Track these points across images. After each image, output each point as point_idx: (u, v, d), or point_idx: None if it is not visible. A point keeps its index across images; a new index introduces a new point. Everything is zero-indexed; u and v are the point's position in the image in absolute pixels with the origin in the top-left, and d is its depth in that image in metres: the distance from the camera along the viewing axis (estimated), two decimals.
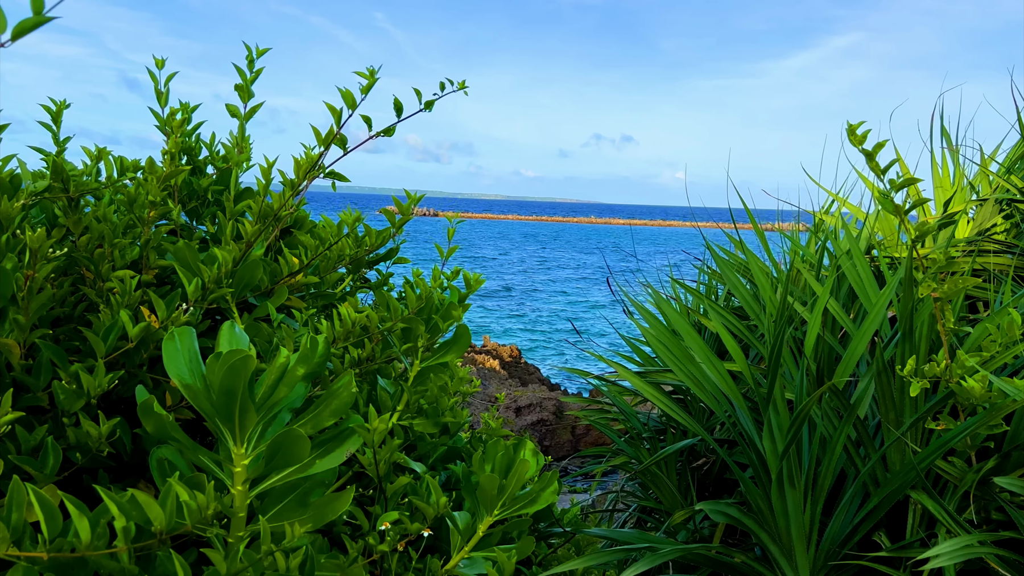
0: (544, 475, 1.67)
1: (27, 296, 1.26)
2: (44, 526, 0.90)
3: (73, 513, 0.91)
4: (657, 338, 2.49)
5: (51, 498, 0.93)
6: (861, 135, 1.88)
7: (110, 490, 1.04)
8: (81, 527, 0.91)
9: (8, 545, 0.89)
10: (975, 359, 1.78)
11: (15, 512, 0.92)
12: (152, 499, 0.94)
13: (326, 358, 1.37)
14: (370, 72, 1.61)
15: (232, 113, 1.92)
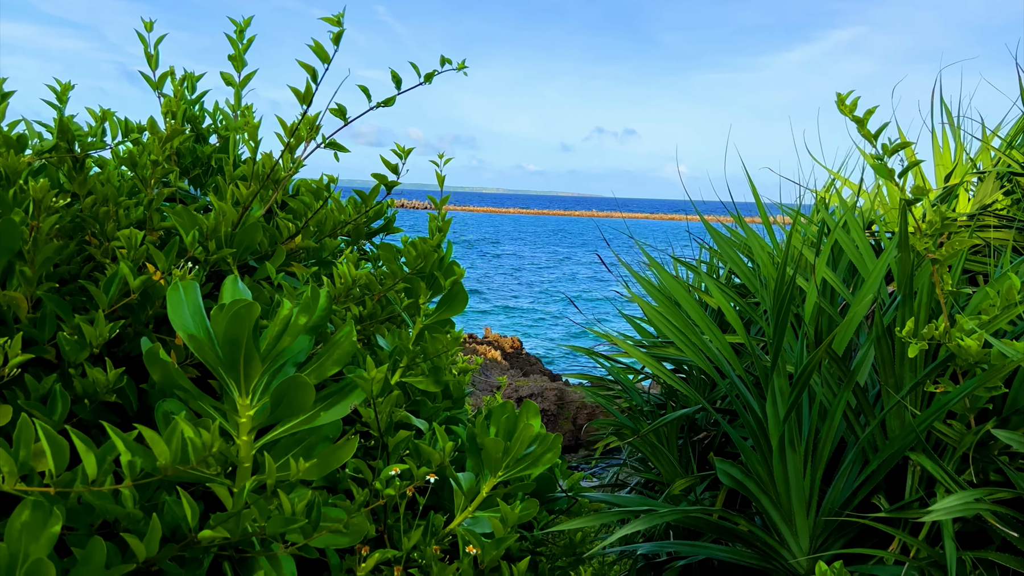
0: (547, 437, 1.69)
1: (33, 249, 1.28)
2: (51, 461, 0.91)
3: (80, 448, 0.92)
4: (659, 310, 2.50)
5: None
6: (851, 104, 1.89)
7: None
8: (88, 462, 0.92)
9: (16, 480, 0.91)
10: (974, 322, 1.79)
11: (23, 449, 0.93)
12: (157, 436, 0.95)
13: (328, 312, 1.38)
14: (337, 18, 1.60)
15: (227, 81, 1.93)
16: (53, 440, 0.92)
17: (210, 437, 0.96)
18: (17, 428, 0.92)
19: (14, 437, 0.91)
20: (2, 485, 0.89)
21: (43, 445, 0.90)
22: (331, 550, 1.45)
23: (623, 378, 3.14)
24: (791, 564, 2.13)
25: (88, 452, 0.92)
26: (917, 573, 1.75)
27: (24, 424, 0.92)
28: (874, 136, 1.82)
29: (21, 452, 0.91)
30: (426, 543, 1.43)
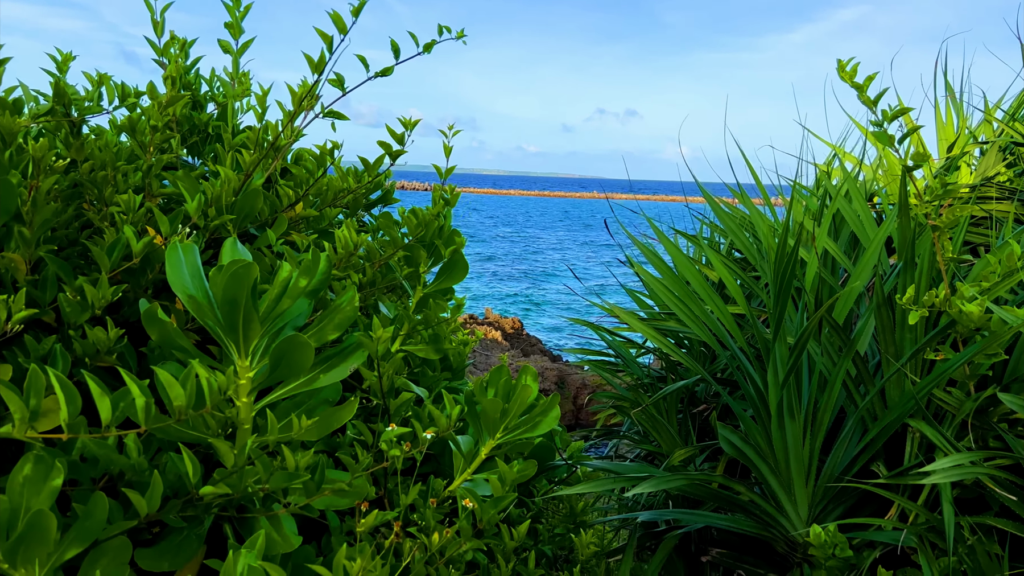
0: (545, 399, 1.69)
1: (32, 210, 1.27)
2: (64, 407, 0.91)
3: (95, 392, 0.93)
4: (661, 282, 2.49)
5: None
6: (851, 71, 1.87)
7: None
8: (102, 406, 0.92)
9: (27, 426, 0.91)
10: (975, 289, 1.79)
11: (33, 397, 0.93)
12: (173, 379, 0.95)
13: (328, 276, 1.38)
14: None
15: (224, 49, 1.92)
16: (66, 386, 0.92)
17: (225, 380, 0.97)
18: (28, 376, 0.92)
19: (25, 385, 0.91)
20: (13, 432, 0.89)
21: (56, 391, 0.90)
22: (331, 512, 1.46)
23: (624, 352, 3.14)
24: (790, 531, 2.14)
25: (103, 396, 0.93)
26: (915, 538, 1.75)
27: (35, 373, 0.92)
28: (873, 103, 1.81)
29: (32, 400, 0.92)
30: (426, 505, 1.44)
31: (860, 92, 1.81)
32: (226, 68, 1.96)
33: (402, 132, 1.83)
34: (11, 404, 0.91)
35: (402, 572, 1.27)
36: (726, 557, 2.33)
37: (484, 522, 1.42)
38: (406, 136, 1.86)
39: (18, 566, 0.92)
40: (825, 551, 1.82)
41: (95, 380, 0.94)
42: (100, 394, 0.92)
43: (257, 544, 1.09)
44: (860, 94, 1.83)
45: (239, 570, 0.98)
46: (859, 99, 1.86)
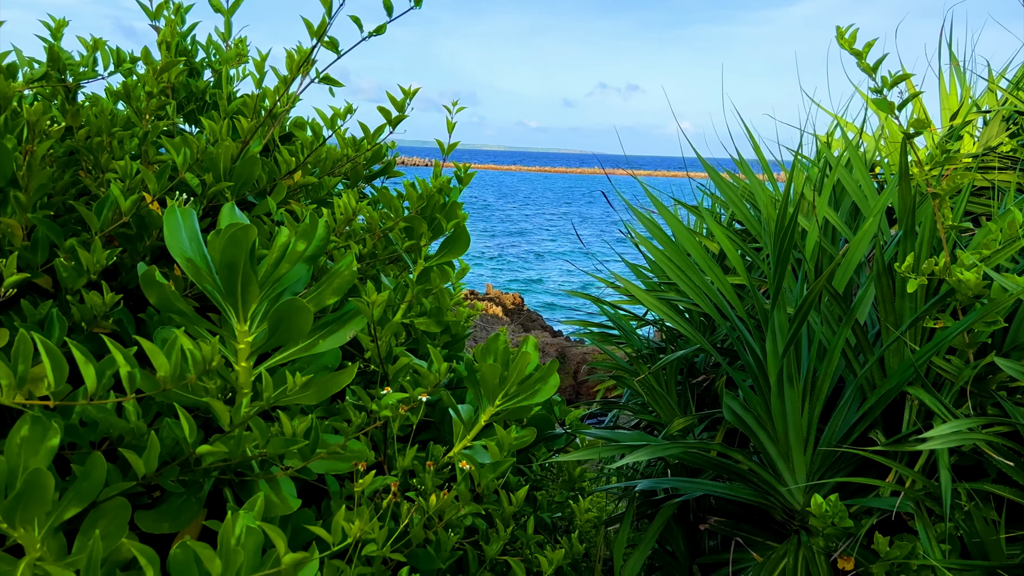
0: (544, 366, 1.69)
1: (27, 174, 1.27)
2: (51, 374, 0.91)
3: (79, 360, 0.92)
4: (661, 252, 2.49)
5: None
6: (850, 37, 1.85)
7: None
8: (87, 374, 0.92)
9: (15, 393, 0.91)
10: (975, 256, 1.78)
11: (21, 363, 0.93)
12: (157, 349, 0.95)
13: (326, 242, 1.37)
14: None
15: (216, 8, 1.89)
16: (52, 353, 0.92)
17: (210, 350, 0.96)
18: (15, 343, 0.92)
19: (12, 352, 0.91)
20: (1, 398, 0.89)
21: (42, 359, 0.90)
22: (330, 477, 1.46)
23: (624, 324, 3.14)
24: (787, 499, 2.15)
25: (87, 364, 0.93)
26: (912, 504, 1.76)
27: (22, 339, 0.92)
28: (873, 69, 1.79)
29: (20, 366, 0.92)
30: (425, 470, 1.45)
31: (859, 59, 1.79)
32: (217, 28, 1.94)
33: (402, 99, 1.82)
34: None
35: (400, 535, 1.27)
36: (724, 525, 2.35)
37: (482, 487, 1.42)
38: (407, 104, 1.84)
39: (17, 525, 0.92)
40: (825, 520, 1.83)
41: (79, 348, 0.94)
42: (84, 362, 0.92)
43: (256, 506, 1.09)
44: (859, 61, 1.81)
45: (237, 531, 0.99)
46: (859, 66, 1.84)
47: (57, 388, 0.94)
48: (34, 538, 0.95)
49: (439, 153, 2.02)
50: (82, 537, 1.05)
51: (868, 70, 1.79)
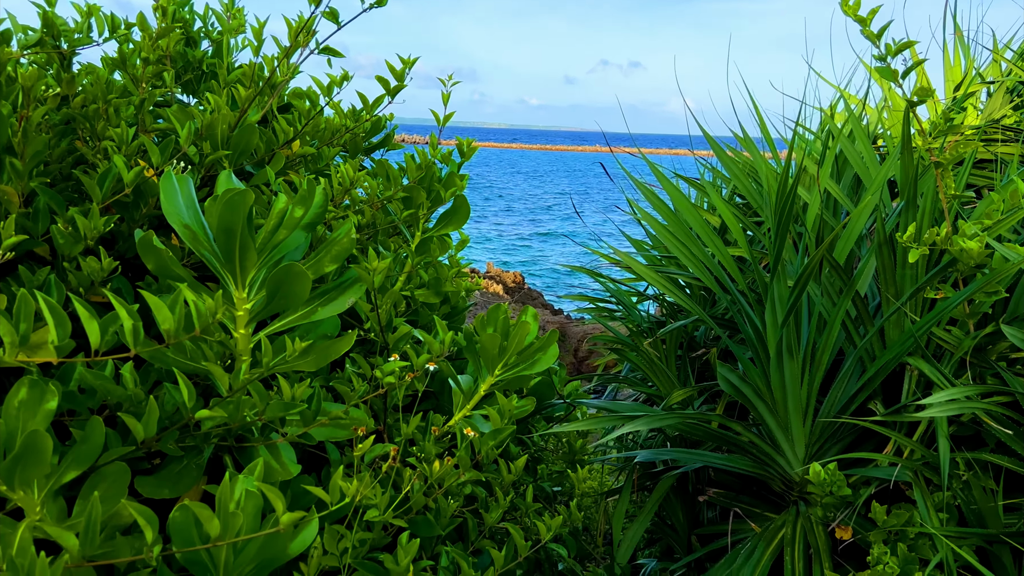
0: (543, 336, 1.69)
1: (23, 141, 1.26)
2: (53, 330, 0.91)
3: (83, 316, 0.92)
4: (662, 224, 2.48)
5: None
6: (854, 4, 1.83)
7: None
8: (91, 330, 0.92)
9: (17, 351, 0.91)
10: (977, 226, 1.77)
11: (23, 322, 0.93)
12: (161, 302, 0.95)
13: (324, 208, 1.36)
14: None
15: None
16: (55, 310, 0.91)
17: (213, 304, 0.96)
18: (17, 301, 0.91)
19: (14, 310, 0.91)
20: (4, 356, 0.89)
21: (44, 314, 0.89)
22: (330, 445, 1.47)
23: (625, 299, 3.14)
24: (786, 470, 2.16)
25: (91, 320, 0.92)
26: (910, 473, 1.77)
27: (23, 298, 0.92)
28: (877, 36, 1.77)
29: (22, 325, 0.91)
30: (425, 439, 1.45)
31: (863, 25, 1.77)
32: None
33: (401, 69, 1.80)
34: (1, 329, 0.90)
35: (401, 501, 1.28)
36: (723, 496, 2.36)
37: (482, 454, 1.43)
38: (405, 74, 1.82)
39: (16, 487, 0.92)
40: (823, 489, 1.84)
41: (83, 304, 0.93)
42: (88, 317, 0.92)
43: (256, 471, 1.09)
44: (863, 28, 1.79)
45: (236, 494, 0.99)
46: (862, 33, 1.82)
47: (61, 343, 0.94)
48: (33, 500, 0.95)
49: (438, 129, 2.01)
50: (82, 501, 1.06)
51: (872, 37, 1.77)
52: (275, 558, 1.00)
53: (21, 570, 0.81)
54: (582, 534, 2.70)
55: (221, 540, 0.90)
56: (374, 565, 1.23)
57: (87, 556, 0.89)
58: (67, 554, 0.85)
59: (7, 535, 0.92)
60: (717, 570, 2.18)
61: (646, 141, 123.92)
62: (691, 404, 2.64)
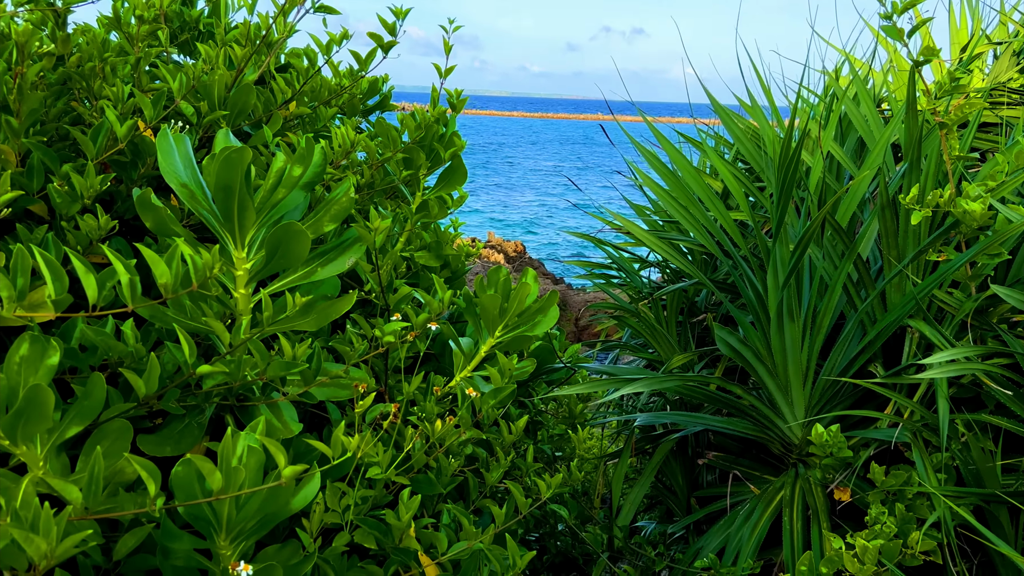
0: (543, 298, 1.69)
1: (18, 98, 1.24)
2: (50, 284, 0.90)
3: (80, 270, 0.92)
4: (663, 188, 2.46)
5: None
6: None
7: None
8: (88, 284, 0.92)
9: (15, 306, 0.91)
10: (980, 188, 1.76)
11: (20, 276, 0.93)
12: (157, 256, 0.94)
13: (323, 168, 1.35)
14: None
15: None
16: (52, 265, 0.91)
17: (211, 258, 0.96)
18: (14, 255, 0.91)
19: (11, 265, 0.90)
20: (2, 311, 0.89)
21: (41, 268, 0.89)
22: (331, 405, 1.47)
23: (627, 265, 3.13)
24: (786, 433, 2.17)
25: (88, 274, 0.92)
26: (910, 435, 1.78)
27: (20, 253, 0.91)
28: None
29: (19, 279, 0.91)
30: (426, 399, 1.45)
31: None
32: None
33: (393, 22, 1.78)
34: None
35: (403, 460, 1.28)
36: (722, 460, 2.38)
37: (483, 413, 1.43)
38: (397, 26, 1.80)
39: (19, 442, 0.93)
40: (824, 451, 1.85)
41: (80, 259, 0.93)
42: (85, 272, 0.91)
43: (258, 429, 1.10)
44: None
45: (238, 450, 0.99)
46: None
47: (58, 298, 0.93)
48: (36, 455, 0.95)
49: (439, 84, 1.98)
50: (84, 457, 1.06)
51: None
52: (277, 513, 1.01)
53: (25, 522, 0.82)
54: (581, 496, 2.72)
55: (224, 494, 0.91)
56: (376, 522, 1.24)
57: (90, 509, 0.90)
58: (71, 507, 0.86)
59: (10, 489, 0.93)
60: (716, 531, 2.20)
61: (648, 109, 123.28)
62: (691, 368, 2.64)
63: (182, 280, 0.96)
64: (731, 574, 1.97)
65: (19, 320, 0.94)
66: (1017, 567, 1.68)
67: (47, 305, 0.92)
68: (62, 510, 0.90)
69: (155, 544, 1.07)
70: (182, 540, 1.00)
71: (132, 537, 1.01)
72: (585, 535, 2.21)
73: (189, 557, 1.05)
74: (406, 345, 1.41)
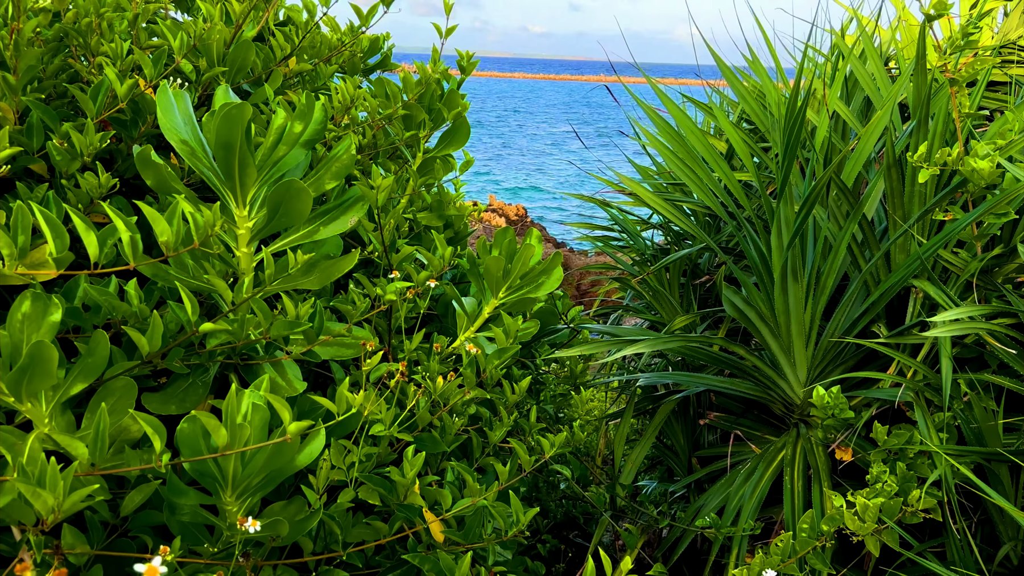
0: (546, 259, 1.68)
1: (15, 54, 1.23)
2: (51, 242, 0.90)
3: (80, 228, 0.91)
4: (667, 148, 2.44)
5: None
6: None
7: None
8: (89, 242, 0.91)
9: (16, 264, 0.90)
10: (989, 146, 1.74)
11: (21, 234, 0.92)
12: (158, 214, 0.94)
13: (324, 125, 1.34)
14: None
15: None
16: (52, 222, 0.90)
17: (212, 216, 0.95)
18: (14, 213, 0.90)
19: (11, 222, 0.89)
20: (3, 269, 0.88)
21: (41, 226, 0.88)
22: (335, 364, 1.47)
23: (629, 227, 3.12)
24: (788, 393, 2.18)
25: (89, 232, 0.91)
26: (912, 394, 1.78)
27: (20, 209, 0.91)
28: None
29: (20, 237, 0.90)
30: (429, 359, 1.46)
31: None
32: None
33: None
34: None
35: (406, 417, 1.29)
36: (723, 420, 2.39)
37: (487, 373, 1.43)
38: None
39: (24, 399, 0.93)
40: (826, 412, 1.85)
41: (80, 216, 0.92)
42: (85, 229, 0.91)
43: (262, 387, 1.10)
44: None
45: (243, 408, 0.99)
46: None
47: (59, 255, 0.93)
48: (41, 412, 0.96)
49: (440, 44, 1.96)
50: (89, 415, 1.07)
51: None
52: (283, 469, 1.01)
53: (32, 477, 0.82)
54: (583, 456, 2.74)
55: (229, 450, 0.91)
56: (381, 479, 1.25)
57: (97, 465, 0.90)
58: (77, 463, 0.86)
59: (16, 444, 0.93)
60: (717, 490, 2.22)
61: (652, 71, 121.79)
62: (694, 330, 2.64)
63: (183, 238, 0.95)
64: (732, 533, 1.99)
65: (21, 279, 0.94)
66: (1017, 523, 1.70)
67: (48, 263, 0.91)
68: (68, 466, 0.91)
69: (161, 500, 1.08)
70: (188, 496, 1.01)
71: (138, 493, 1.02)
72: (588, 494, 2.23)
73: (195, 512, 1.06)
74: (407, 304, 1.41)
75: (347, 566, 1.23)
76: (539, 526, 2.40)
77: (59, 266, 0.92)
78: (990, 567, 1.73)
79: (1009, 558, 1.80)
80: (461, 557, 1.22)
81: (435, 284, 1.44)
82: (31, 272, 0.92)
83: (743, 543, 2.03)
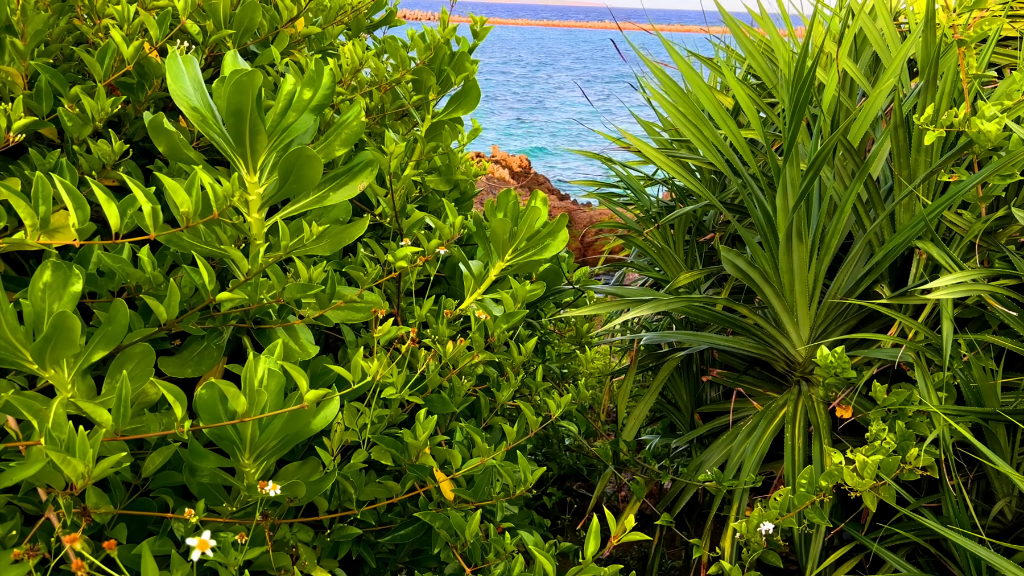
0: (552, 221, 1.70)
1: (22, 19, 1.22)
2: (72, 212, 0.91)
3: (101, 198, 0.92)
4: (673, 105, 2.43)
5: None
6: None
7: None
8: (110, 213, 0.93)
9: (38, 233, 0.92)
10: (996, 108, 1.74)
11: (42, 204, 0.93)
12: (178, 185, 0.95)
13: (332, 90, 1.34)
14: None
15: None
16: (73, 193, 0.92)
17: (230, 187, 0.96)
18: (34, 183, 0.91)
19: (32, 192, 0.91)
20: (26, 239, 0.90)
21: (63, 197, 0.90)
22: (346, 327, 1.50)
23: (633, 183, 3.11)
24: (790, 352, 2.21)
25: (110, 203, 0.93)
26: (913, 354, 1.81)
27: (40, 180, 0.92)
28: None
29: (41, 207, 0.92)
30: (438, 322, 1.48)
31: None
32: None
33: None
34: (21, 211, 0.91)
35: (417, 380, 1.32)
36: (726, 377, 2.43)
37: (495, 336, 1.46)
38: None
39: (47, 366, 0.96)
40: (828, 371, 1.88)
41: (101, 187, 0.93)
42: (107, 200, 0.92)
43: (276, 351, 1.12)
44: None
45: (260, 373, 1.02)
46: None
47: (82, 226, 0.94)
48: (64, 379, 0.99)
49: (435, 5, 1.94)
50: (110, 380, 1.09)
51: None
52: (299, 433, 1.05)
53: (60, 444, 0.85)
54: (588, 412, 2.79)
55: (247, 416, 0.94)
56: (392, 440, 1.28)
57: (119, 431, 0.93)
58: (104, 429, 0.89)
59: (42, 411, 0.96)
60: (718, 446, 2.27)
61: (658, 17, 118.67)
62: (697, 288, 2.66)
63: (202, 209, 0.97)
64: (733, 486, 2.04)
65: (39, 244, 0.96)
66: (1011, 481, 1.74)
67: (69, 230, 0.93)
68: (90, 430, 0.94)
69: (180, 461, 1.11)
70: (208, 459, 1.04)
71: (159, 455, 1.05)
72: (594, 448, 2.28)
73: (215, 475, 1.09)
74: (416, 269, 1.43)
75: (360, 523, 1.28)
76: (544, 478, 2.46)
77: (81, 237, 0.94)
78: (984, 522, 1.78)
79: (1004, 513, 1.85)
80: (471, 515, 1.26)
81: (444, 251, 1.46)
82: (51, 241, 0.94)
83: (744, 497, 2.08)
